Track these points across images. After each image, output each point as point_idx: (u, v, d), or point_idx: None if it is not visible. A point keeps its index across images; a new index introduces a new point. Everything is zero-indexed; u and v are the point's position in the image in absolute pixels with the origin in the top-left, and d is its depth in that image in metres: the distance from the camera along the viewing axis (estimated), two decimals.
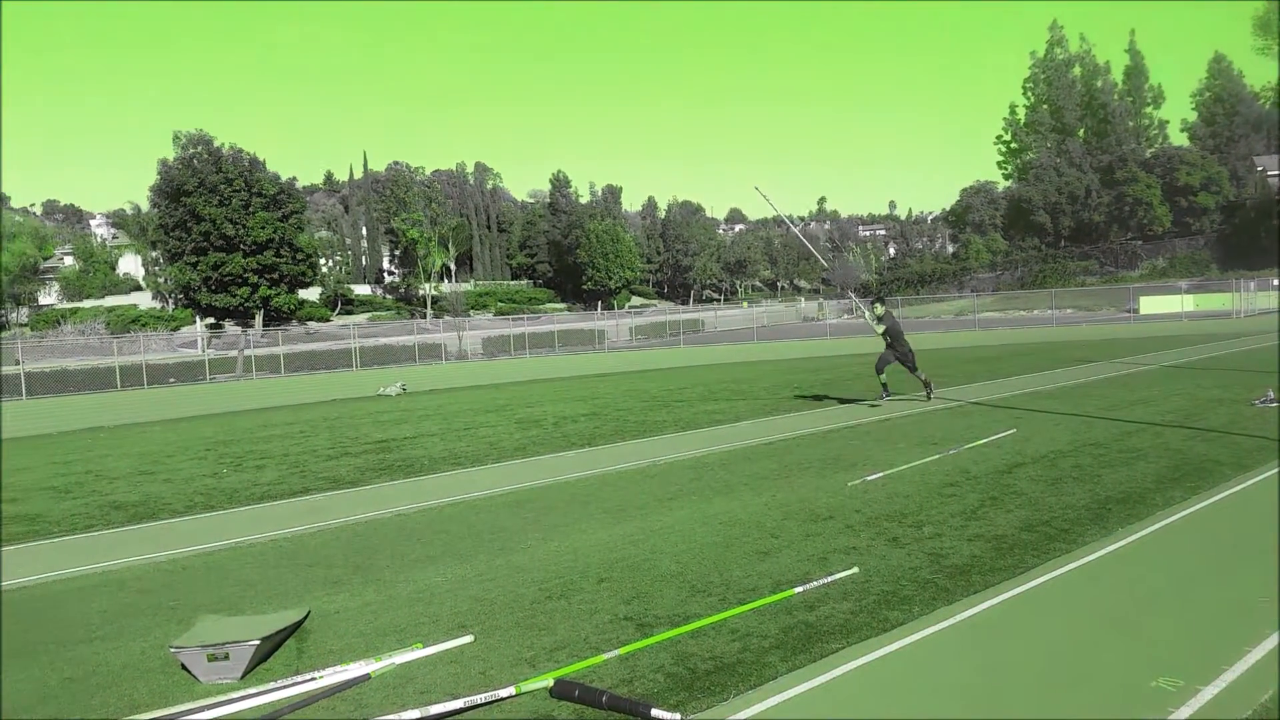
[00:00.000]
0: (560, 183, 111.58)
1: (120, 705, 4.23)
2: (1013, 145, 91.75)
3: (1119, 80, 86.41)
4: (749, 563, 6.03)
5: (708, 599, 5.33)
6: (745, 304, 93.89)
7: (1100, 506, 7.13)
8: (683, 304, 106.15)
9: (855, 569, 5.73)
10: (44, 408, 26.87)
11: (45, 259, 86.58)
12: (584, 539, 6.94)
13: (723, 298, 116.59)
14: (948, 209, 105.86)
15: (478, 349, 47.66)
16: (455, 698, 4.02)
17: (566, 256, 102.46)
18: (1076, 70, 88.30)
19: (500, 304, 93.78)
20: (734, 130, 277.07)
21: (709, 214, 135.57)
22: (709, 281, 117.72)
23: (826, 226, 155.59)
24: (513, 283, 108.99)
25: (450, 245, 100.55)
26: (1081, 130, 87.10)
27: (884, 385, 14.50)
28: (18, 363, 35.62)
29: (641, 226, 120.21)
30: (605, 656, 4.49)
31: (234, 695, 4.19)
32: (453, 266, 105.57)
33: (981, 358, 24.04)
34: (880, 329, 14.21)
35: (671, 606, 5.23)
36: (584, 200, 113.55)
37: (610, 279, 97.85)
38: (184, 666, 4.55)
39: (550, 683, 4.15)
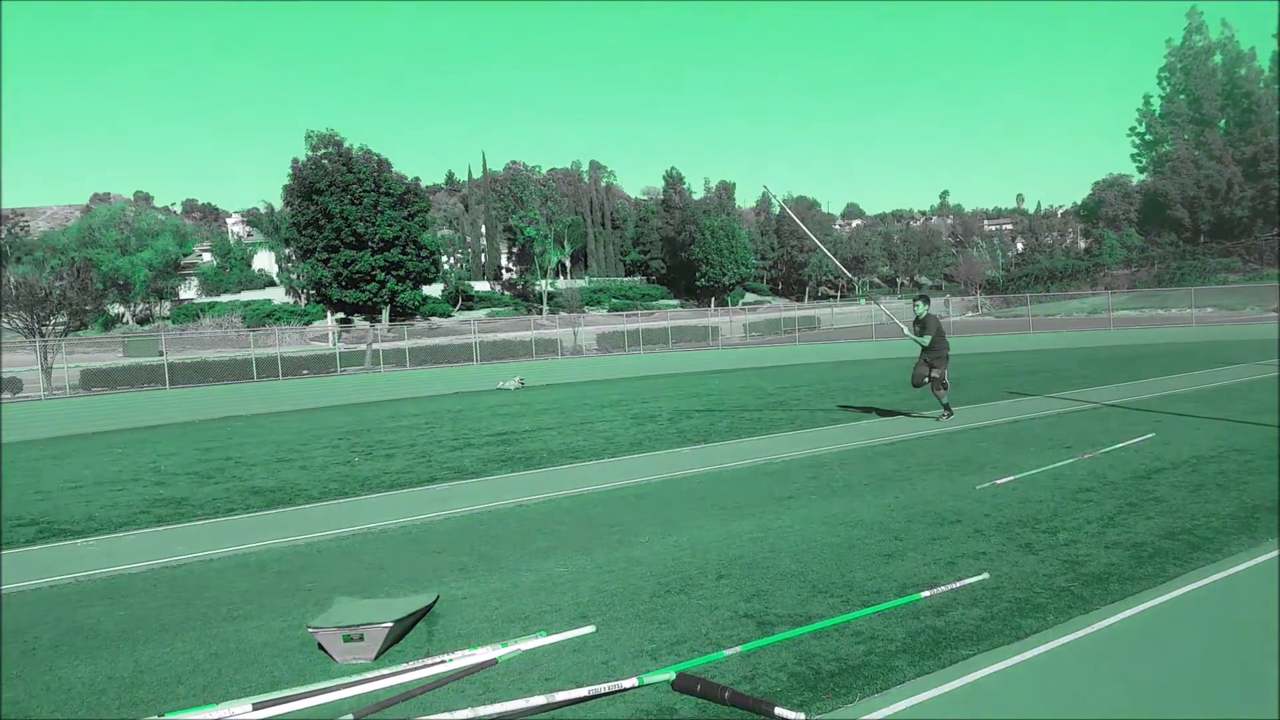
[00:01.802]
0: (674, 179, 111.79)
1: (262, 682, 4.45)
2: (1148, 137, 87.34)
3: (1265, 67, 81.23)
4: (872, 565, 5.93)
5: (830, 600, 5.27)
6: (862, 300, 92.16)
7: (1248, 515, 6.73)
8: (798, 300, 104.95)
9: (985, 574, 5.57)
10: (185, 397, 28.49)
11: (185, 255, 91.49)
12: (701, 535, 6.95)
13: (839, 294, 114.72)
14: (1079, 203, 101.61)
15: (592, 345, 48.25)
16: (579, 686, 4.09)
17: (680, 253, 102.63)
18: (1217, 58, 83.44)
19: (614, 300, 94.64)
20: (849, 123, 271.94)
21: (824, 209, 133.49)
22: (825, 278, 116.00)
23: (949, 221, 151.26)
24: (626, 279, 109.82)
25: (565, 242, 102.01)
26: (1223, 121, 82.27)
27: (947, 407, 12.63)
28: (161, 354, 37.87)
29: (755, 222, 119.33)
30: (726, 653, 4.49)
31: (368, 675, 4.36)
32: (568, 263, 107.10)
33: (1116, 358, 22.99)
34: (925, 338, 12.30)
35: (792, 606, 5.19)
36: (697, 196, 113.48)
37: (724, 275, 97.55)
38: (321, 646, 4.76)
39: (672, 676, 4.17)
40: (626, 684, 4.09)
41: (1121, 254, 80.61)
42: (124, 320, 76.99)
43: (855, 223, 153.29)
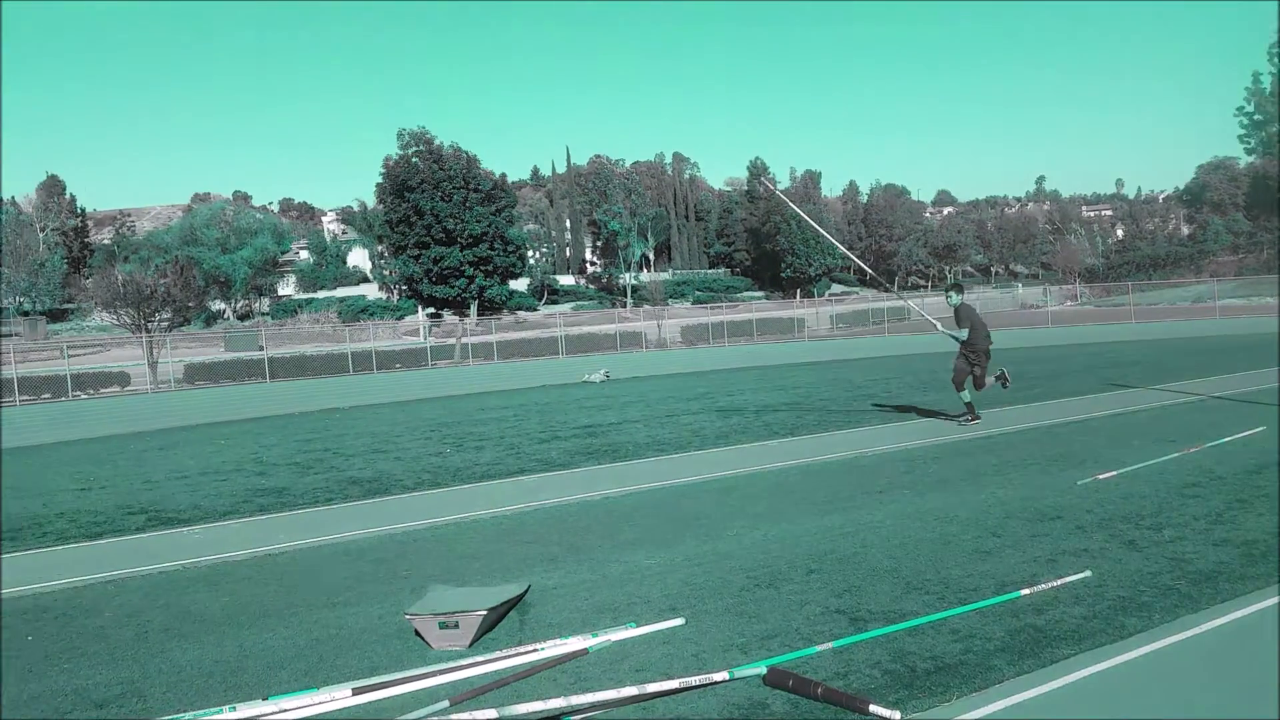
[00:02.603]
0: (758, 169, 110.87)
1: (361, 667, 4.56)
2: (1256, 117, 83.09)
3: None
4: (969, 561, 5.79)
5: (925, 597, 5.16)
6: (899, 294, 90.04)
7: None
8: (886, 291, 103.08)
9: (1088, 572, 5.38)
10: (285, 389, 29.44)
11: (283, 253, 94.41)
12: (791, 529, 6.88)
13: (930, 284, 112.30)
14: (1182, 187, 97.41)
15: (676, 337, 48.26)
16: (670, 678, 4.09)
17: (764, 244, 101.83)
18: None
19: (698, 293, 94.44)
20: (940, 107, 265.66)
21: (914, 196, 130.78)
22: (915, 267, 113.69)
23: (1045, 207, 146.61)
24: (710, 271, 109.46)
25: (649, 235, 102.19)
26: None
27: (970, 405, 11.73)
28: (261, 348, 39.21)
29: (842, 212, 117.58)
30: (818, 649, 4.43)
31: (463, 662, 4.44)
32: (651, 256, 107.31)
33: (1223, 348, 21.97)
34: (961, 332, 11.38)
35: (886, 602, 5.09)
36: (782, 186, 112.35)
37: (810, 266, 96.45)
38: (417, 633, 4.86)
39: (763, 670, 4.13)
40: (717, 677, 4.07)
41: (1228, 240, 77.07)
42: (225, 316, 79.95)
43: (947, 210, 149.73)
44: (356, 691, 4.13)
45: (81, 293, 65.67)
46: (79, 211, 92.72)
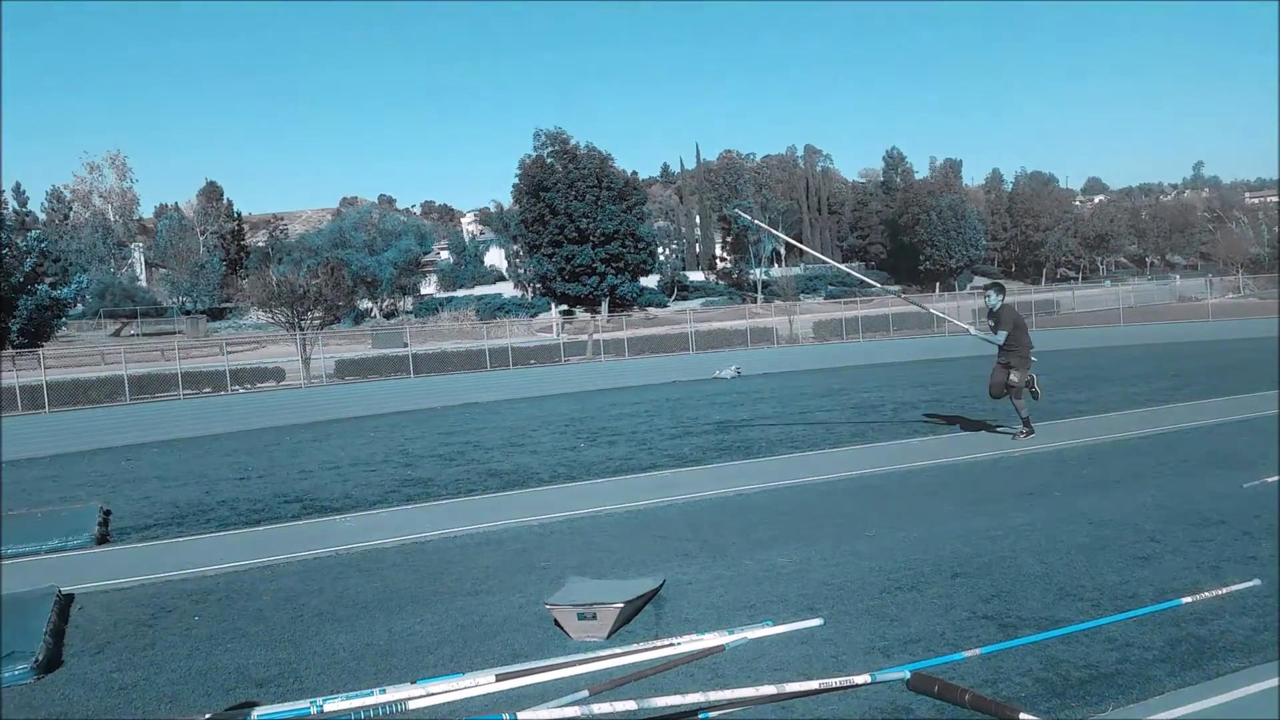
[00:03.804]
0: (894, 159, 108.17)
1: (504, 654, 4.67)
2: None
3: None
4: (1125, 567, 5.48)
5: (1078, 603, 4.91)
6: (1107, 282, 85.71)
7: None
8: (1034, 284, 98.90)
9: (1256, 581, 5.02)
10: (427, 384, 30.50)
11: (425, 254, 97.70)
12: (933, 531, 6.67)
13: (1080, 276, 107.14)
14: None
15: (809, 333, 47.59)
16: (808, 678, 4.02)
17: (902, 236, 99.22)
18: None
19: (831, 287, 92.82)
20: (1089, 89, 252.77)
21: (1063, 184, 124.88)
22: (1064, 258, 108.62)
23: (1205, 194, 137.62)
24: (844, 265, 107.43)
25: (780, 229, 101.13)
26: None
27: (1026, 420, 10.54)
28: (405, 345, 40.72)
29: (985, 201, 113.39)
30: (965, 654, 4.27)
31: (601, 653, 4.48)
32: (783, 251, 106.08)
33: None
34: (999, 335, 10.32)
35: (1037, 609, 4.87)
36: (921, 176, 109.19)
37: (951, 258, 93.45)
38: (557, 623, 4.94)
39: (906, 675, 4.02)
40: (859, 680, 3.98)
41: None
42: (372, 314, 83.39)
43: (1098, 198, 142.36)
44: (500, 677, 4.23)
45: (239, 293, 69.77)
46: (236, 216, 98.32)
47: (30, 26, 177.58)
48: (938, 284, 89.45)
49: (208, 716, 4.00)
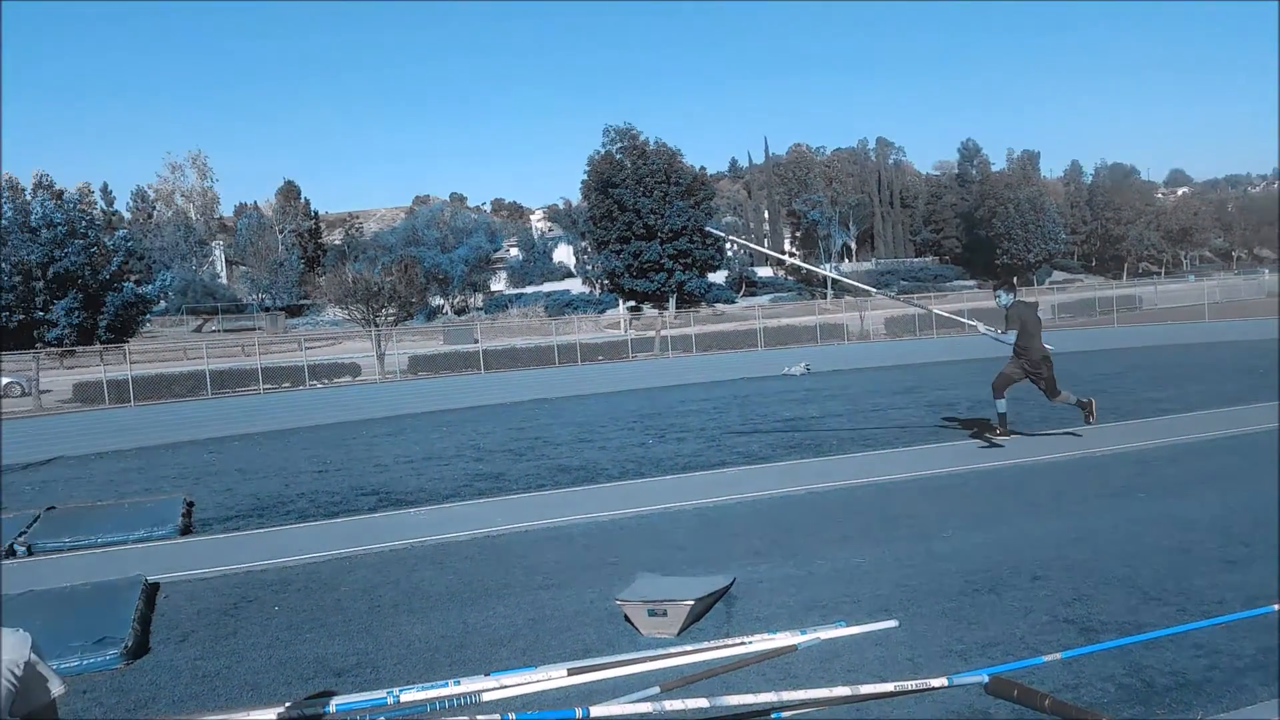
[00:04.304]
0: (969, 151, 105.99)
1: (576, 649, 4.69)
2: None
3: None
4: (1213, 571, 5.28)
5: (1164, 608, 4.75)
6: (1191, 277, 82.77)
7: None
8: (1115, 279, 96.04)
9: None
10: (497, 380, 30.85)
11: (495, 251, 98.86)
12: (1012, 532, 6.52)
13: (1163, 271, 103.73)
14: None
15: (880, 329, 46.91)
16: (884, 680, 3.96)
17: (978, 230, 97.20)
18: None
19: (903, 282, 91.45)
20: (1173, 79, 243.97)
21: (1144, 176, 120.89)
22: (1146, 253, 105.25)
23: None
24: (917, 260, 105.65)
25: (851, 224, 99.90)
26: None
27: (1002, 416, 10.33)
28: (476, 341, 41.25)
29: (1064, 194, 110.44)
30: (1045, 659, 4.16)
31: (672, 650, 4.47)
32: (853, 245, 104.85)
33: None
34: (1009, 335, 10.14)
35: (1120, 613, 4.72)
36: (998, 169, 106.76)
37: (1029, 252, 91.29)
38: (627, 618, 4.95)
39: (985, 679, 3.93)
40: (935, 683, 3.90)
41: None
42: (443, 311, 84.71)
43: (1181, 191, 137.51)
44: (572, 672, 4.25)
45: (316, 290, 71.44)
46: (313, 214, 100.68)
47: (117, 27, 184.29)
48: (1015, 278, 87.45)
49: (287, 705, 4.09)
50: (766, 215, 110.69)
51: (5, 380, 33.80)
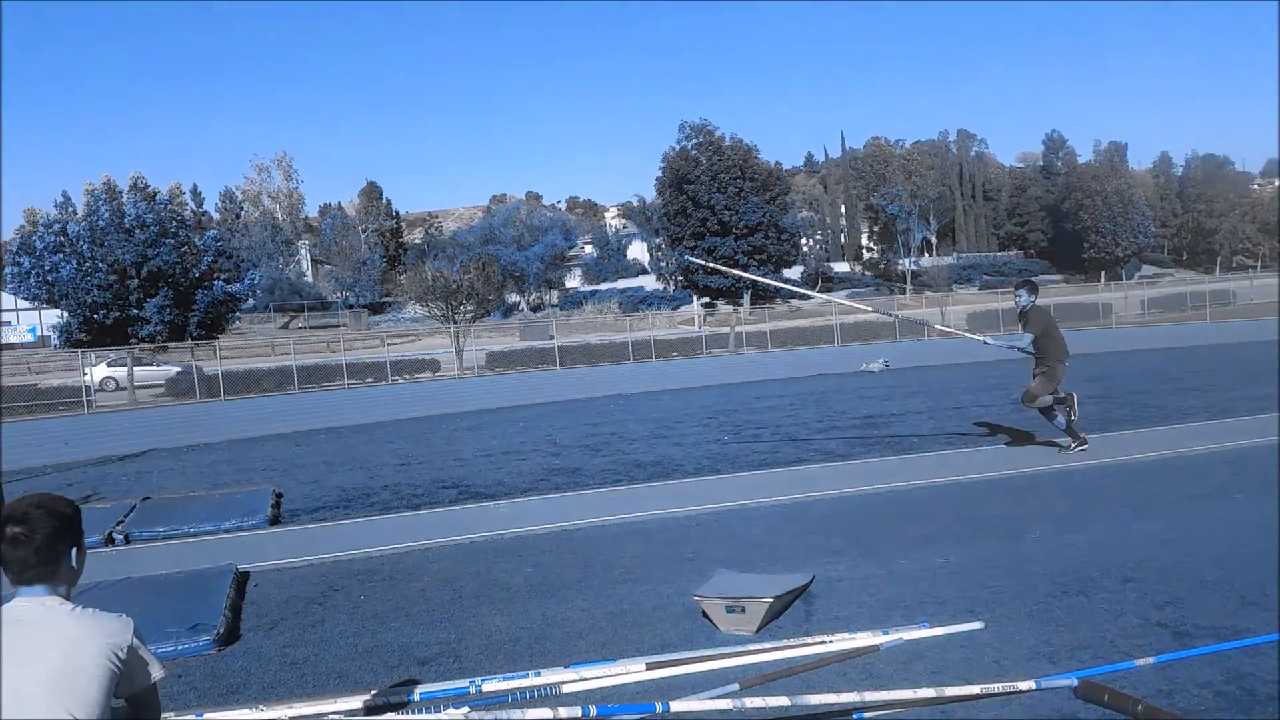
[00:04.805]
0: (1054, 143, 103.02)
1: (654, 643, 4.70)
2: None
3: None
4: None
5: (1264, 613, 4.55)
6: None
7: None
8: (1207, 272, 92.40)
9: None
10: (572, 376, 31.08)
11: (570, 248, 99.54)
12: (1101, 533, 6.33)
13: (1259, 264, 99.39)
14: None
15: (962, 324, 45.91)
16: (969, 683, 3.88)
17: (1064, 223, 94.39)
18: None
19: (985, 277, 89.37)
20: (1267, 62, 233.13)
21: (1239, 167, 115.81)
22: (1241, 246, 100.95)
23: None
24: (1000, 254, 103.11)
25: (931, 218, 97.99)
26: None
27: (1063, 417, 9.30)
28: (551, 338, 41.60)
29: (1153, 186, 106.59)
30: (1137, 663, 4.03)
31: (750, 648, 4.45)
32: (934, 240, 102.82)
33: None
34: (1024, 338, 9.55)
35: (1216, 618, 4.55)
36: (1084, 160, 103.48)
37: (1117, 246, 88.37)
38: (705, 615, 4.94)
39: (1074, 682, 3.83)
40: (1023, 686, 3.82)
41: None
42: (520, 308, 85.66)
43: (1278, 182, 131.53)
44: (650, 666, 4.26)
45: (397, 287, 72.95)
46: (394, 214, 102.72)
47: (206, 34, 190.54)
48: (1103, 273, 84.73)
49: (374, 693, 4.19)
50: (843, 210, 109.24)
51: (109, 372, 35.12)
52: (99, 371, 34.66)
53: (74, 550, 2.59)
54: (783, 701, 3.67)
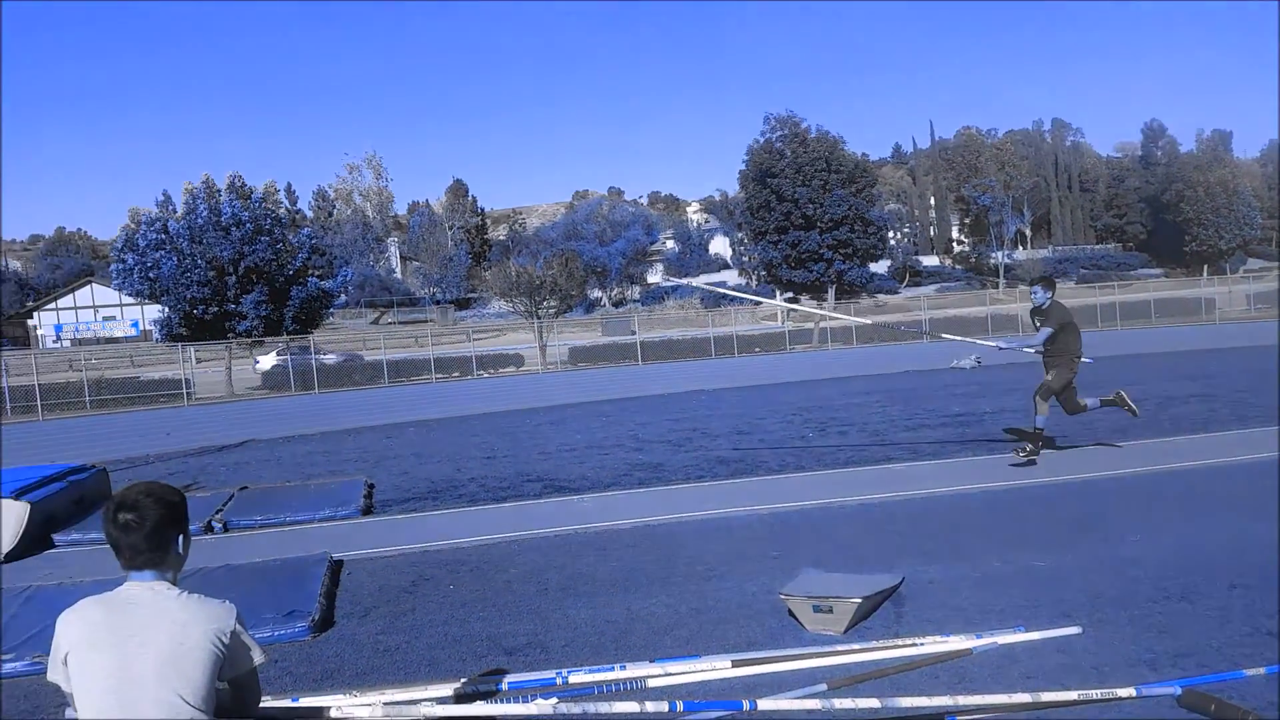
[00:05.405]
0: (1154, 132, 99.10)
1: (739, 641, 4.68)
2: None
3: None
4: None
5: None
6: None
7: None
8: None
9: None
10: (654, 371, 31.13)
11: (651, 244, 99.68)
12: (1207, 537, 6.06)
13: None
14: None
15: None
16: (1067, 689, 3.76)
17: (1164, 215, 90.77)
18: None
19: (1082, 270, 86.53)
20: None
21: None
22: None
23: None
24: (1098, 246, 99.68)
25: (1025, 209, 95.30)
26: None
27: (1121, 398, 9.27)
28: (633, 333, 41.73)
29: (1260, 176, 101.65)
30: (1247, 673, 3.86)
31: (838, 648, 4.39)
32: (1028, 232, 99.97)
33: None
34: (1042, 331, 9.14)
35: None
36: (1186, 149, 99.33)
37: (1221, 238, 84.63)
38: (791, 613, 4.89)
39: (1178, 691, 3.68)
40: (1123, 693, 3.68)
41: None
42: (602, 303, 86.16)
43: None
44: (736, 664, 4.24)
45: (482, 283, 74.07)
46: (480, 211, 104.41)
47: (302, 37, 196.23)
48: (1205, 266, 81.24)
49: (463, 681, 4.26)
50: (932, 202, 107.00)
51: (276, 361, 36.04)
52: (268, 360, 36.03)
53: (180, 537, 2.70)
54: (872, 703, 3.62)
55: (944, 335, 9.74)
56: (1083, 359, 9.30)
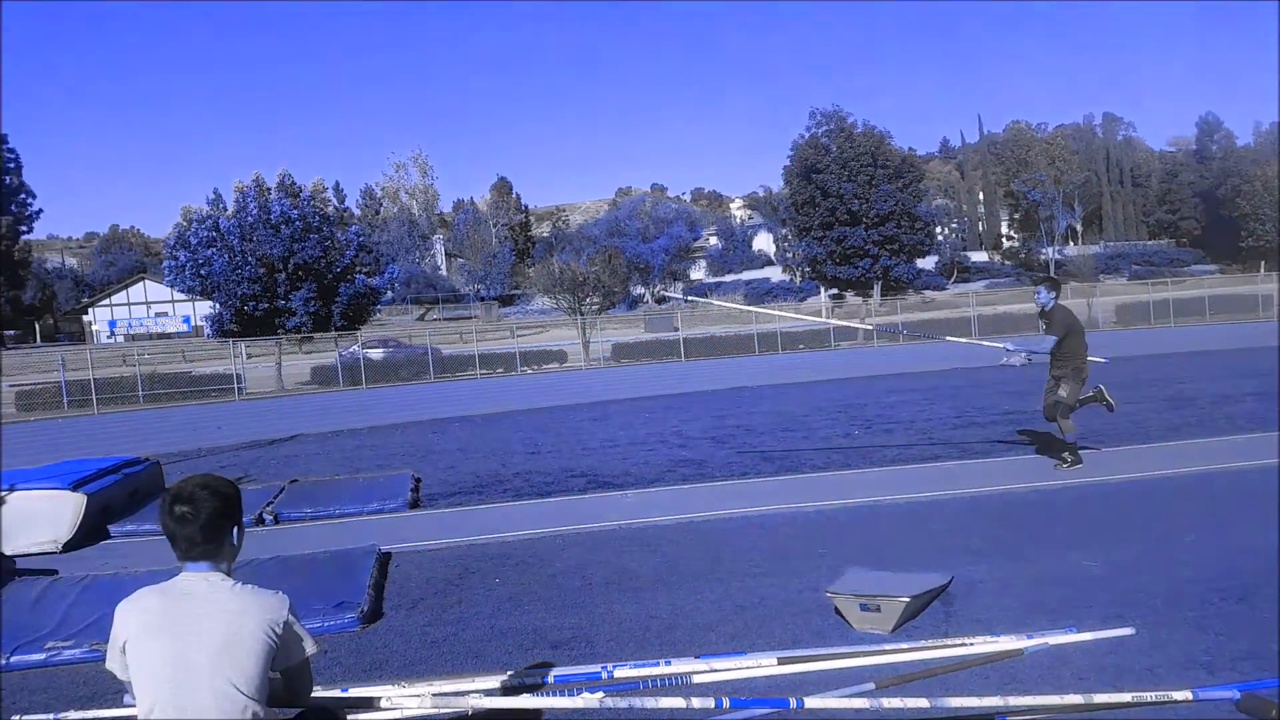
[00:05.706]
0: (1209, 126, 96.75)
1: (784, 638, 4.66)
2: None
3: None
4: None
5: None
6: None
7: None
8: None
9: None
10: (697, 368, 31.06)
11: (694, 240, 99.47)
12: (1264, 538, 5.89)
13: None
14: None
15: (1110, 317, 43.70)
16: (1120, 690, 3.69)
17: (1219, 210, 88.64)
18: None
19: (1135, 267, 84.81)
20: None
21: None
22: None
23: None
24: (1150, 242, 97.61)
25: (1076, 204, 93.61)
26: None
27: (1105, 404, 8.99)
28: (676, 329, 41.68)
29: None
30: None
31: (886, 647, 4.35)
32: (1079, 228, 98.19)
33: None
34: (1045, 342, 8.99)
35: None
36: (1243, 143, 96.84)
37: (1278, 235, 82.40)
38: (838, 611, 4.85)
39: (1236, 695, 3.60)
40: (1178, 696, 3.61)
41: None
42: (644, 300, 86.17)
43: None
44: (782, 661, 4.22)
45: (526, 280, 74.51)
46: (523, 209, 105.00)
47: (351, 38, 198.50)
48: (1262, 263, 79.16)
49: (510, 674, 4.29)
50: (981, 197, 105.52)
51: (365, 352, 36.63)
52: (375, 353, 36.91)
53: (235, 529, 2.75)
54: (921, 703, 3.58)
55: (948, 337, 9.65)
56: (1092, 359, 9.10)
